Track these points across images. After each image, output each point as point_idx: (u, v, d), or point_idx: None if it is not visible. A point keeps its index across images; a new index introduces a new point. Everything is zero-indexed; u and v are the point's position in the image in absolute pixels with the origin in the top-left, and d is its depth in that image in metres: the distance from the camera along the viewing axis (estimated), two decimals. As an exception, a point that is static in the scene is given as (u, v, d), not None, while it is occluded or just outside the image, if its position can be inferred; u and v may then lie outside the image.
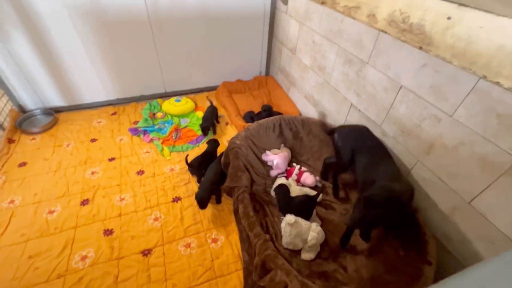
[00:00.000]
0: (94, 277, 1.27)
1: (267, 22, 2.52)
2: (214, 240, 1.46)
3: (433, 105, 1.15)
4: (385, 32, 1.32)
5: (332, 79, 1.83)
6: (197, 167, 1.72)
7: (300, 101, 2.33)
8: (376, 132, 1.52)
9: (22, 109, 2.24)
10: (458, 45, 0.99)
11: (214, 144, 1.90)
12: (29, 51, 1.98)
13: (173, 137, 2.12)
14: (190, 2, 2.15)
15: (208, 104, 2.36)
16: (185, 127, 2.25)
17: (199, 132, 2.18)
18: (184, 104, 2.39)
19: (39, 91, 2.20)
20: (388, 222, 1.25)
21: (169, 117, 2.34)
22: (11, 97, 2.14)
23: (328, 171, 1.67)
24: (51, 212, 1.54)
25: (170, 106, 2.37)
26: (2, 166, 1.79)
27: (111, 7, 1.98)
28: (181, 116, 2.37)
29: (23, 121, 2.16)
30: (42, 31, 1.93)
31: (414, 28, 1.15)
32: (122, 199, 1.64)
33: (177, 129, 2.20)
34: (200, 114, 2.37)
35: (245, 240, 1.42)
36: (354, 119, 1.68)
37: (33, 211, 1.54)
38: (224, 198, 1.66)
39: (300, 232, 1.28)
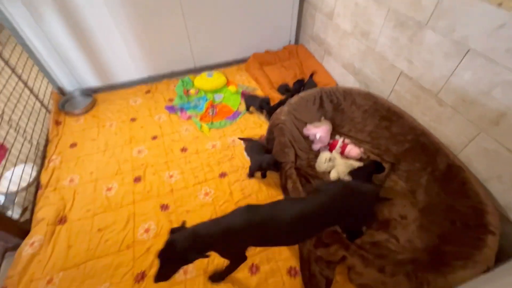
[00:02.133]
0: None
1: (298, -16, 2.34)
2: (265, 213, 1.51)
3: (509, 69, 1.05)
4: (453, -11, 1.18)
5: (378, 45, 1.71)
6: (274, 109, 1.82)
7: (337, 70, 2.22)
8: (430, 102, 1.44)
9: (61, 91, 2.29)
10: (553, -1, 0.88)
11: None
12: (62, 31, 1.96)
13: (210, 114, 2.12)
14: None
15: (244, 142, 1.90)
16: (220, 102, 2.24)
17: (235, 108, 2.17)
18: (216, 79, 2.34)
19: (75, 72, 2.22)
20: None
21: (203, 93, 2.32)
22: (51, 79, 2.18)
23: None
24: (109, 189, 1.64)
25: (203, 81, 2.33)
26: (56, 147, 1.89)
27: (139, -21, 1.89)
28: (214, 91, 2.34)
29: (64, 103, 2.22)
30: (73, 9, 1.89)
31: (494, -18, 1.02)
32: (171, 176, 1.70)
33: (212, 105, 2.19)
34: (232, 88, 2.33)
35: (295, 212, 1.46)
36: (403, 89, 1.59)
37: (93, 188, 1.64)
38: (268, 172, 1.69)
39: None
